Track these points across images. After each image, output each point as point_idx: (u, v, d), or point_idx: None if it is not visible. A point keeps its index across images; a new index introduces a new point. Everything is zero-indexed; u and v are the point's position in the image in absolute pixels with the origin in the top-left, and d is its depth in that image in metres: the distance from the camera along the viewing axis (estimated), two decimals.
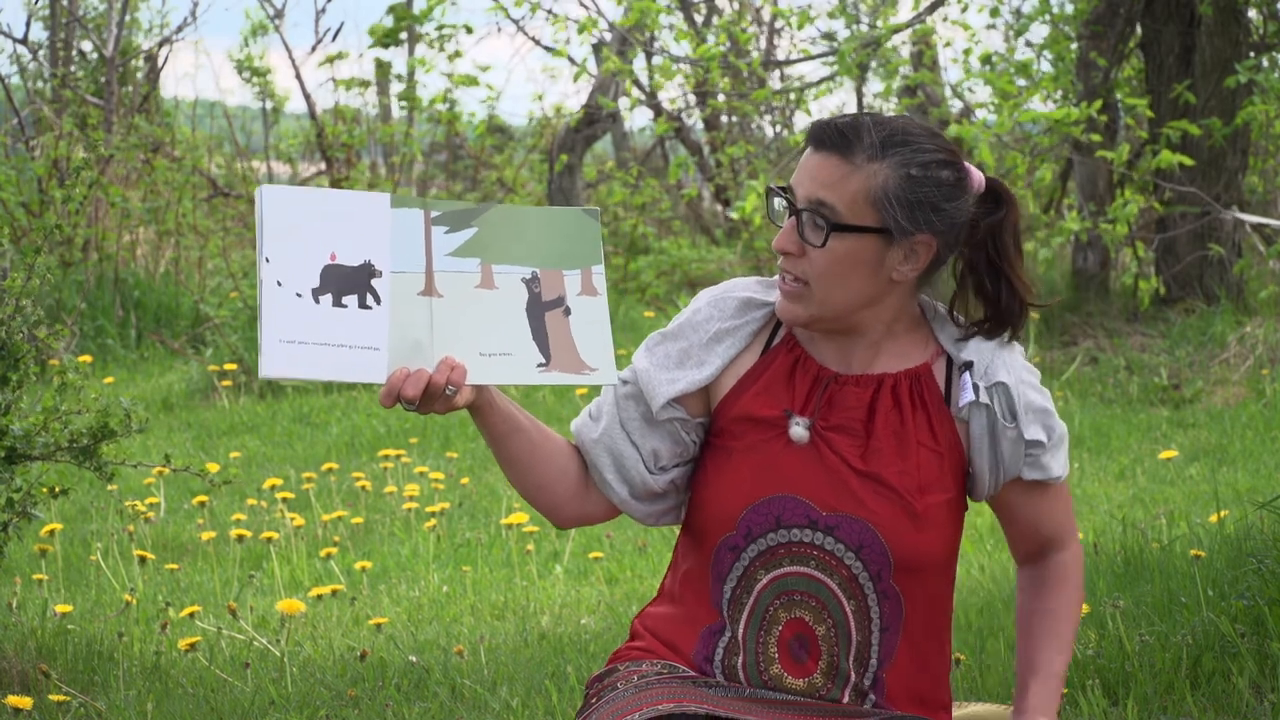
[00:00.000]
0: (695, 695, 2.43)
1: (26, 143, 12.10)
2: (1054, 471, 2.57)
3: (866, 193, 2.44)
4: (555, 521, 2.61)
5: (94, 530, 6.30)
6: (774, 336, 2.58)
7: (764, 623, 2.51)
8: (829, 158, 2.46)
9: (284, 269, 2.35)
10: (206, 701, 4.23)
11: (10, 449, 4.12)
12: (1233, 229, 9.46)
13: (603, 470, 2.56)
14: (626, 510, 2.59)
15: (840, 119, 2.49)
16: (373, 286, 2.38)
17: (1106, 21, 9.62)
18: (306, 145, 15.68)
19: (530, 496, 2.58)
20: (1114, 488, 6.56)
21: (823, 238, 2.45)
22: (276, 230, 2.36)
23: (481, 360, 2.40)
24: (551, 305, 2.43)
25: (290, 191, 2.38)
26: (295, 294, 2.35)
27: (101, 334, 10.82)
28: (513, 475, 2.56)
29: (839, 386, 2.52)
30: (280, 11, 13.76)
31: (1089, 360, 9.06)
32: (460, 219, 2.43)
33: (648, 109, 13.50)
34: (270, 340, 2.33)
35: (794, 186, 2.48)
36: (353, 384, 9.12)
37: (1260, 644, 3.82)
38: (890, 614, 2.50)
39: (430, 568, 5.71)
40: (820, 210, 2.44)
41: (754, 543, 2.50)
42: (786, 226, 2.48)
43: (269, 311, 2.34)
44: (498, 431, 2.50)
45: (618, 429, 2.55)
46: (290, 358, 2.34)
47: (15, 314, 4.10)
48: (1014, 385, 2.52)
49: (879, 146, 2.44)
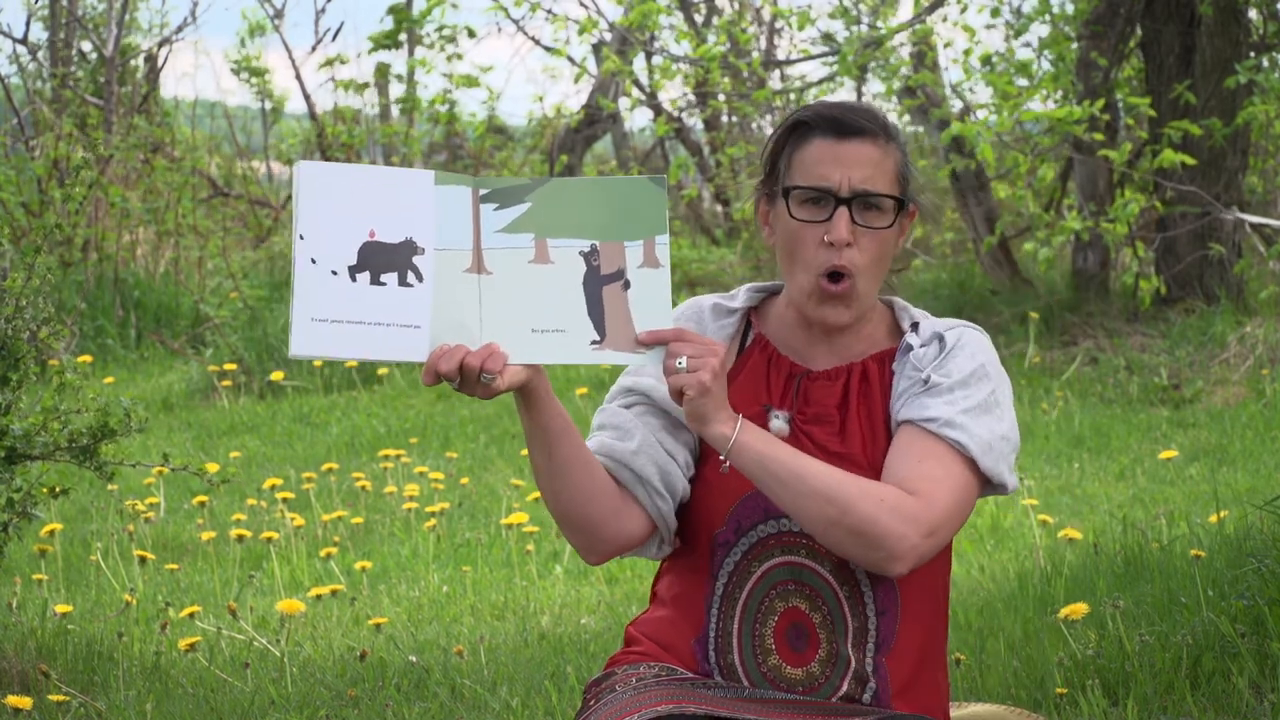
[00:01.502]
0: (694, 696, 2.43)
1: (26, 143, 12.10)
2: (936, 411, 2.45)
3: (895, 173, 2.52)
4: (594, 546, 2.52)
5: (94, 530, 6.30)
6: (745, 338, 2.61)
7: (759, 614, 2.51)
8: (862, 144, 2.50)
9: (319, 246, 2.30)
10: (206, 702, 4.22)
11: (10, 449, 4.12)
12: (1233, 229, 9.46)
13: (652, 480, 2.51)
14: (664, 527, 2.54)
15: (845, 106, 2.54)
16: (414, 264, 2.32)
17: (1106, 21, 9.62)
18: (306, 145, 15.68)
19: (578, 511, 2.48)
20: (1114, 488, 6.56)
21: (889, 218, 2.50)
22: (312, 206, 2.31)
23: (533, 337, 2.33)
24: (611, 279, 2.34)
25: (328, 168, 2.34)
26: (330, 271, 2.30)
27: (101, 334, 10.82)
28: (560, 485, 2.47)
29: (810, 382, 2.55)
30: (280, 11, 13.76)
31: (1089, 360, 9.06)
32: (511, 195, 2.36)
33: (648, 109, 13.50)
34: (301, 319, 2.28)
35: (832, 180, 2.48)
36: (380, 367, 9.13)
37: (1260, 644, 3.82)
38: (885, 598, 2.50)
39: (430, 568, 5.71)
40: (872, 194, 2.49)
41: (745, 536, 2.52)
42: (838, 217, 2.47)
43: (301, 289, 2.29)
44: (552, 428, 2.42)
45: (653, 441, 2.53)
46: (321, 336, 2.29)
47: (16, 314, 4.10)
48: (952, 344, 2.51)
49: (888, 128, 2.53)
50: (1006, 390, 2.52)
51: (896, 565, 2.38)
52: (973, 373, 2.48)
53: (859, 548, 2.38)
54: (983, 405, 2.47)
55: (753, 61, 11.56)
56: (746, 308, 2.62)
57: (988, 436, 2.46)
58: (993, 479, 2.47)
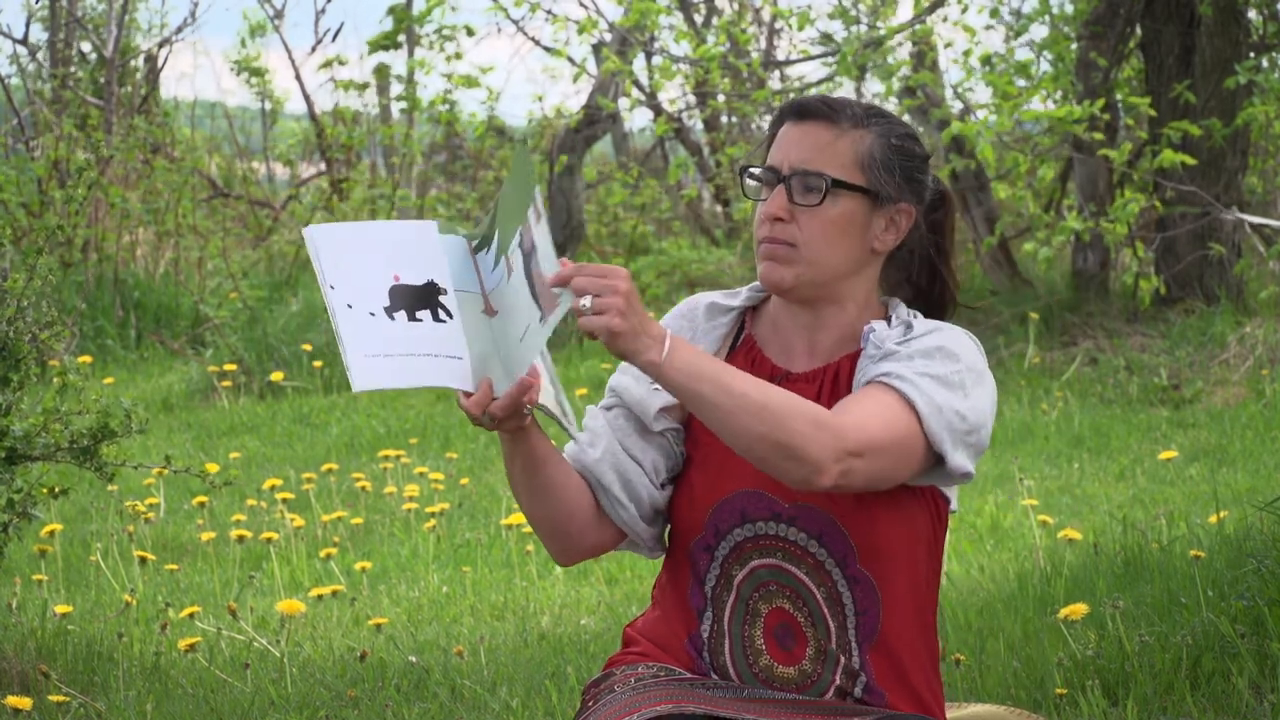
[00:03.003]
0: (694, 696, 2.44)
1: (26, 143, 12.11)
2: (883, 369, 2.42)
3: (855, 155, 2.49)
4: (568, 552, 2.55)
5: (94, 531, 6.30)
6: (737, 339, 2.61)
7: (747, 615, 2.52)
8: (814, 126, 2.50)
9: (350, 293, 2.36)
10: (206, 702, 4.23)
11: (11, 449, 4.12)
12: (1233, 229, 9.46)
13: (611, 488, 2.53)
14: (633, 534, 2.55)
15: (822, 95, 2.55)
16: (441, 303, 2.38)
17: (1106, 22, 9.62)
18: (306, 146, 15.68)
19: (555, 526, 2.52)
20: (1114, 488, 6.56)
21: (819, 197, 2.48)
22: (334, 261, 2.37)
23: (522, 349, 2.34)
24: (530, 253, 2.33)
25: (338, 228, 2.40)
26: (369, 313, 2.36)
27: (101, 334, 10.82)
28: (540, 505, 2.50)
29: (790, 385, 2.54)
30: (280, 12, 13.76)
31: (1089, 360, 9.06)
32: (486, 235, 2.41)
33: (648, 109, 13.50)
34: (355, 356, 2.34)
35: (776, 161, 2.50)
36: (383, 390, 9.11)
37: (1260, 644, 3.82)
38: (864, 598, 2.50)
39: (430, 568, 5.71)
40: (810, 173, 2.48)
41: (724, 540, 2.52)
42: (776, 194, 2.49)
43: (347, 331, 2.35)
44: (537, 453, 2.46)
45: (617, 447, 2.54)
46: (377, 370, 2.35)
47: (18, 315, 4.10)
48: (921, 328, 2.48)
49: (861, 115, 2.51)
50: (982, 383, 2.45)
51: (820, 479, 2.31)
52: (938, 348, 2.44)
53: (783, 460, 2.31)
54: (942, 378, 2.42)
55: (752, 62, 11.57)
56: (745, 306, 2.62)
57: (940, 401, 2.40)
58: (936, 446, 2.40)
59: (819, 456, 2.31)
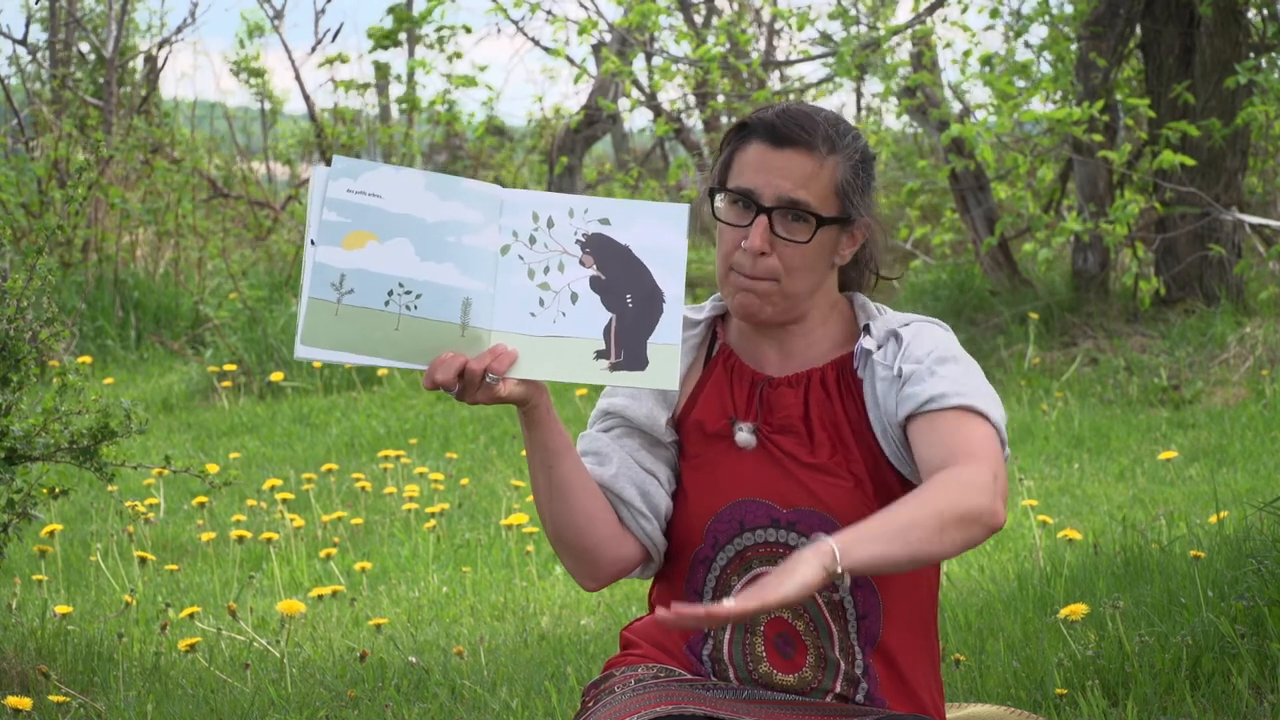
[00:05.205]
0: (694, 697, 2.44)
1: (26, 144, 12.10)
2: (929, 392, 2.42)
3: (833, 185, 2.49)
4: (593, 571, 2.53)
5: (94, 531, 6.30)
6: (711, 349, 2.61)
7: (747, 626, 2.52)
8: (795, 154, 2.48)
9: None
10: (206, 702, 4.23)
11: (10, 449, 4.12)
12: (1233, 230, 9.46)
13: (633, 501, 2.52)
14: (654, 548, 2.54)
15: (788, 113, 2.50)
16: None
17: (1106, 22, 9.62)
18: (305, 146, 15.68)
19: (577, 535, 2.50)
20: (1114, 488, 6.56)
21: (808, 234, 2.47)
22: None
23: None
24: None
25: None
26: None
27: (101, 335, 10.81)
28: (560, 507, 2.48)
29: (772, 389, 2.54)
30: (280, 12, 13.76)
31: (1089, 361, 9.06)
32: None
33: (647, 110, 13.50)
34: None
35: (757, 186, 2.48)
36: (380, 368, 9.15)
37: (1260, 645, 3.82)
38: (865, 602, 2.50)
39: (430, 568, 5.71)
40: (798, 207, 2.47)
41: (722, 550, 2.52)
42: (758, 226, 2.47)
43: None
44: (551, 446, 2.45)
45: (631, 461, 2.54)
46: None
47: (18, 315, 4.10)
48: (909, 338, 2.50)
49: (831, 136, 2.49)
50: (974, 362, 2.52)
51: (997, 520, 2.34)
52: (940, 349, 2.48)
53: (971, 533, 2.32)
54: (968, 371, 2.47)
55: (752, 62, 11.57)
56: (712, 316, 2.62)
57: (985, 389, 2.46)
58: (1001, 432, 2.46)
59: (984, 512, 2.32)
